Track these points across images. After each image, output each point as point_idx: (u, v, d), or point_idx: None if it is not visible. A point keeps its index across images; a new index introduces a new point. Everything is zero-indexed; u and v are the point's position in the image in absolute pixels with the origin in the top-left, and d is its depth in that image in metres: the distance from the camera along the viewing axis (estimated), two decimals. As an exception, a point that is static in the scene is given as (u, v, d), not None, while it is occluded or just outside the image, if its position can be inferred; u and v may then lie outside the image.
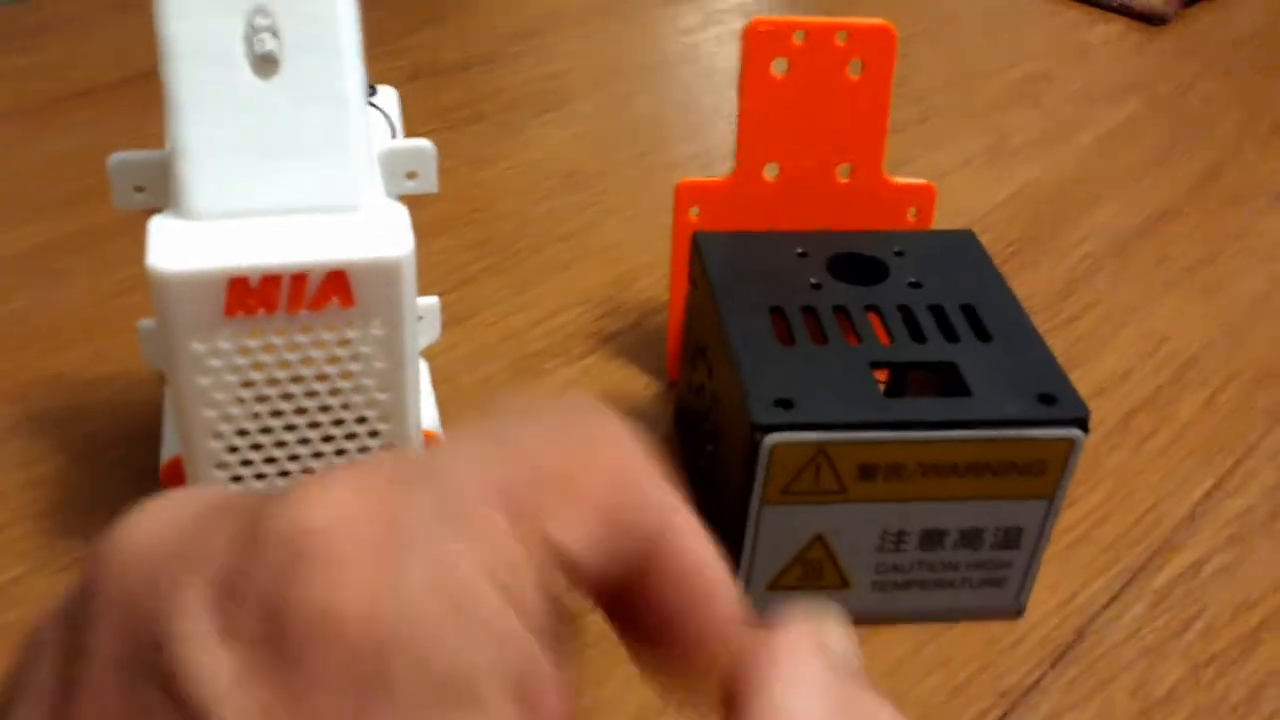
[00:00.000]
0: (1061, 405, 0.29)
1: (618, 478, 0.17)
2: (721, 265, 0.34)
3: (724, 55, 0.63)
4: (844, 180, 0.37)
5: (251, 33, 0.29)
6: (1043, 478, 0.29)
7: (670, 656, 0.19)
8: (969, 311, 0.32)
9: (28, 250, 0.45)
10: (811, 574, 0.31)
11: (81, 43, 0.60)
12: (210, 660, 0.14)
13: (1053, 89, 0.61)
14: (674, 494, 0.18)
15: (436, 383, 0.38)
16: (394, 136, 0.49)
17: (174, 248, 0.28)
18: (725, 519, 0.31)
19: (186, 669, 0.14)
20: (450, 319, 0.42)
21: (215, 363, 0.29)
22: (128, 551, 0.15)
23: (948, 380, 0.31)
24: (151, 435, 0.36)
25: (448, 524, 0.15)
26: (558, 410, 0.18)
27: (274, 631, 0.14)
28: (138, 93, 0.56)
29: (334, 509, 0.15)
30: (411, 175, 0.33)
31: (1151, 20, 0.69)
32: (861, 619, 0.32)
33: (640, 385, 0.40)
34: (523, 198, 0.51)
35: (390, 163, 0.32)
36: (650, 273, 0.46)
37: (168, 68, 0.29)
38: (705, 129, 0.56)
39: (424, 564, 0.15)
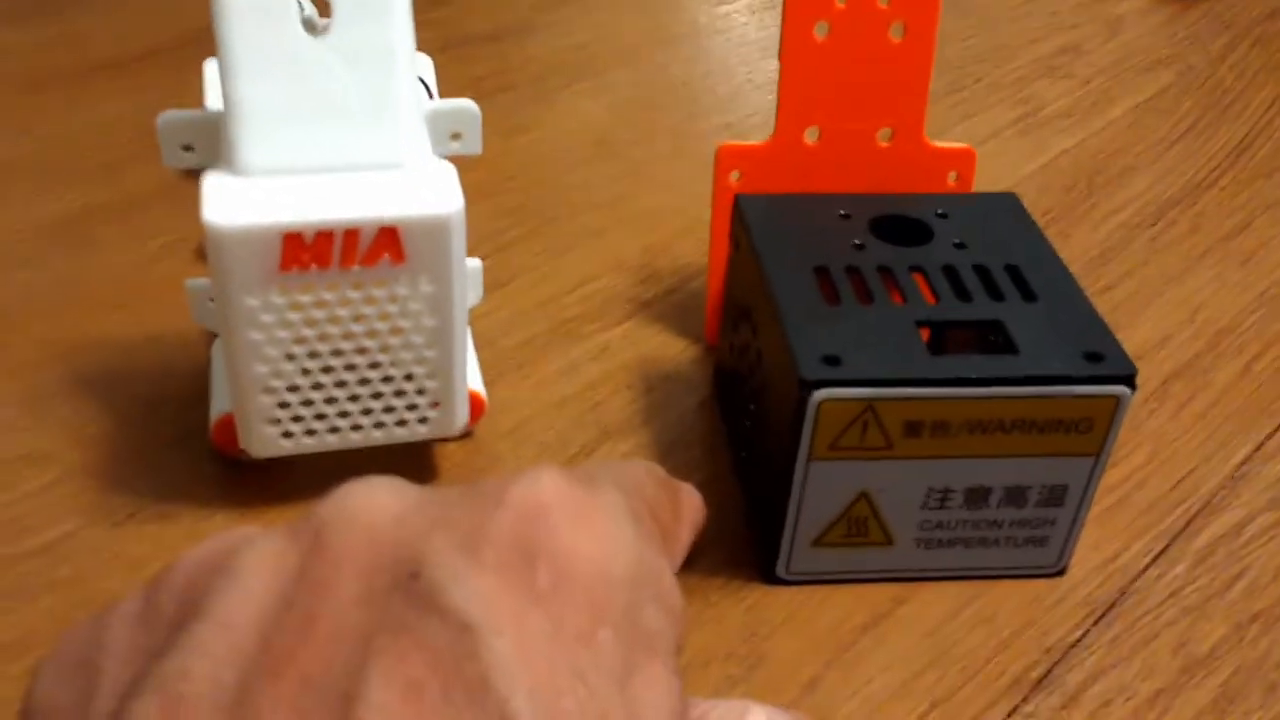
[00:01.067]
0: (1108, 362, 0.29)
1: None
2: (764, 227, 0.34)
3: (756, 25, 0.63)
4: (884, 144, 0.37)
5: (301, -7, 0.29)
6: (1089, 435, 0.30)
7: None
8: (1014, 271, 0.32)
9: (66, 217, 0.45)
10: (856, 531, 0.31)
11: (110, 13, 0.60)
12: (468, 581, 0.16)
13: (1084, 61, 0.61)
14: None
15: (477, 346, 0.38)
16: (432, 102, 0.48)
17: (229, 203, 0.28)
18: (770, 477, 0.31)
19: (446, 586, 0.16)
20: (489, 284, 0.42)
21: (268, 318, 0.29)
22: (368, 518, 0.17)
23: (987, 339, 0.31)
24: (197, 394, 0.36)
25: (631, 516, 0.18)
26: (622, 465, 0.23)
27: (525, 561, 0.16)
28: (166, 63, 0.56)
29: (558, 492, 0.17)
30: (456, 136, 0.33)
31: (1182, -7, 0.69)
32: (905, 576, 0.32)
33: (678, 349, 0.41)
34: (556, 166, 0.51)
35: (435, 123, 0.32)
36: (685, 240, 0.46)
37: (221, 27, 0.29)
38: (737, 98, 0.56)
39: (631, 537, 0.18)
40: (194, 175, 0.45)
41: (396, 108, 0.30)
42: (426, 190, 0.29)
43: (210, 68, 0.49)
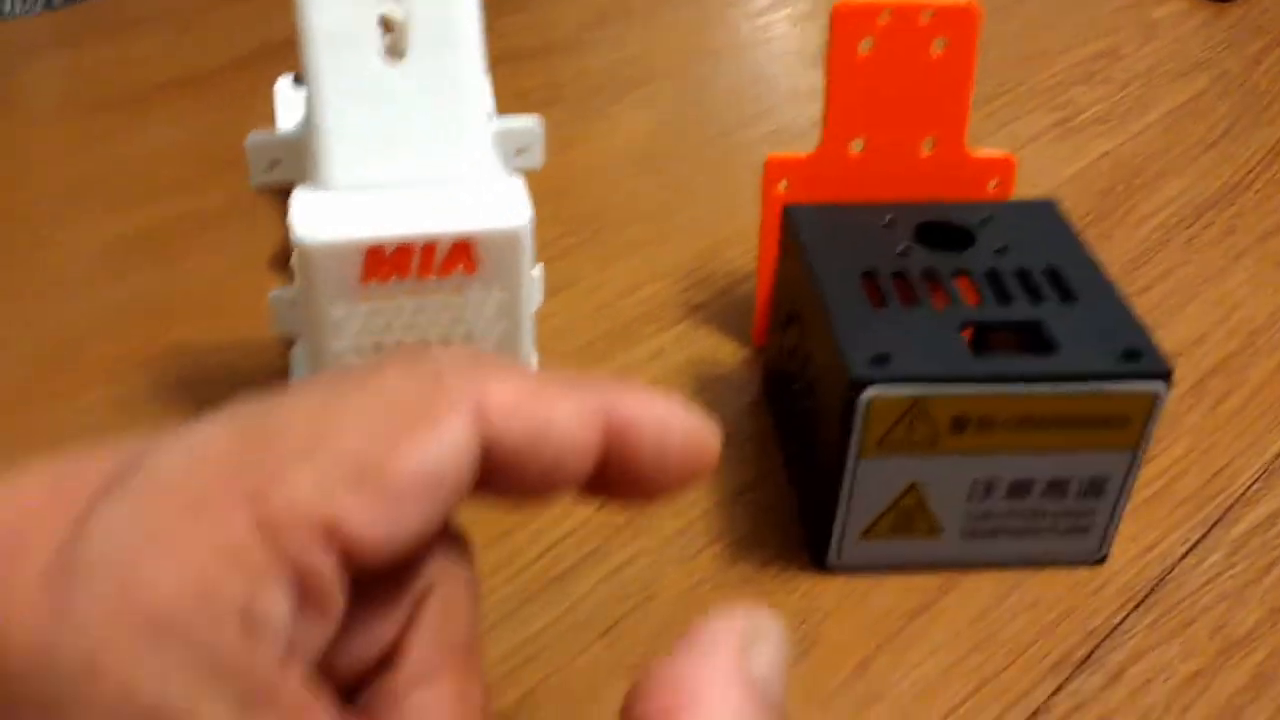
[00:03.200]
0: (1145, 360, 0.31)
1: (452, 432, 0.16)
2: (813, 235, 0.35)
3: (796, 36, 0.64)
4: (927, 153, 0.39)
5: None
6: (1127, 429, 0.31)
7: (625, 496, 0.18)
8: (1053, 275, 0.34)
9: (143, 231, 0.48)
10: (904, 523, 0.33)
11: (177, 35, 0.63)
12: None
13: (1121, 66, 0.62)
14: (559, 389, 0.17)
15: (537, 350, 0.40)
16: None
17: (316, 219, 0.30)
18: (821, 471, 0.33)
19: None
20: (546, 290, 0.44)
21: (351, 325, 0.31)
22: None
23: (1028, 339, 0.32)
24: (277, 399, 0.38)
25: (146, 530, 0.14)
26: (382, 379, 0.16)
27: None
28: (231, 82, 0.59)
29: (7, 518, 0.14)
30: (520, 152, 0.35)
31: (1217, -3, 0.70)
32: (951, 565, 0.34)
33: (728, 352, 0.42)
34: (606, 176, 0.53)
35: (502, 140, 0.34)
36: (733, 246, 0.48)
37: (309, 55, 0.31)
38: (780, 109, 0.58)
39: (106, 584, 0.13)
40: (275, 192, 0.47)
41: (470, 128, 0.32)
42: (498, 204, 0.31)
43: (281, 88, 0.51)
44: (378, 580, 0.17)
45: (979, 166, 0.39)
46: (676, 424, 0.18)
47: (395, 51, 0.32)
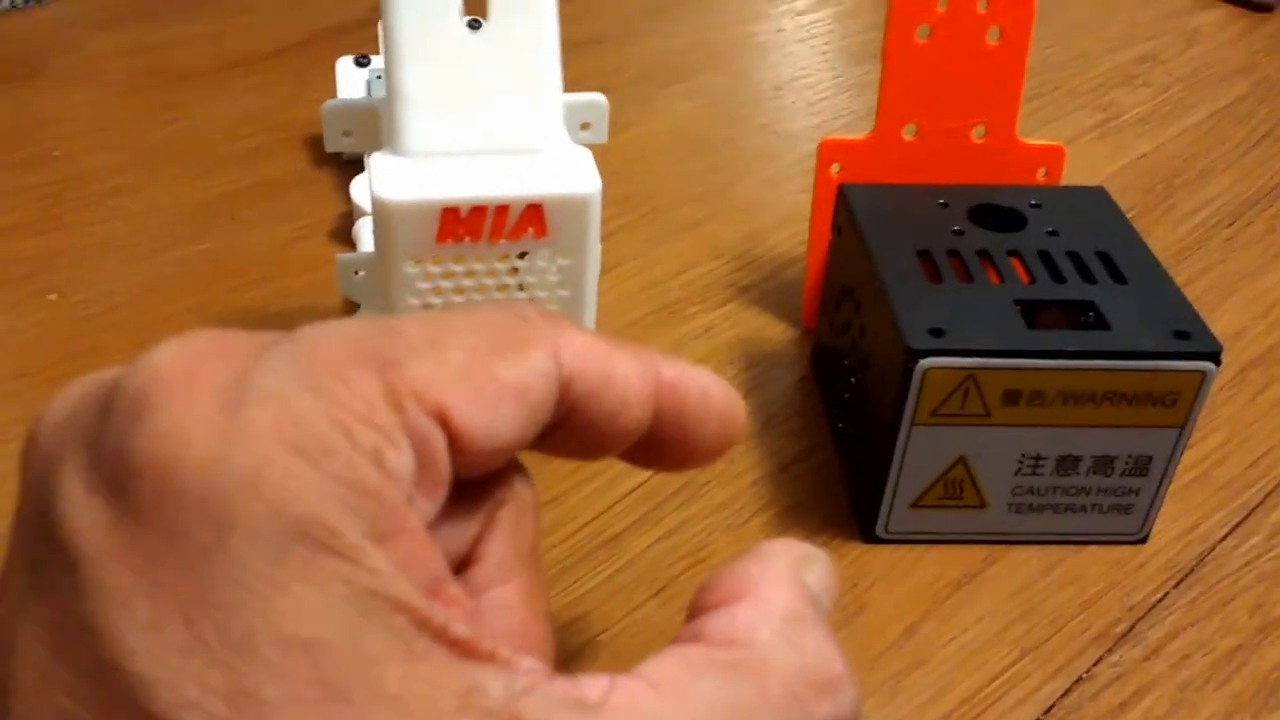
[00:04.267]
0: (1195, 340, 0.31)
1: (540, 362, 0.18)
2: (869, 213, 0.36)
3: (841, 32, 0.65)
4: (978, 141, 0.40)
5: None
6: (1175, 408, 0.32)
7: (675, 463, 0.21)
8: (1104, 257, 0.35)
9: (212, 199, 0.49)
10: (952, 494, 0.34)
11: (239, 16, 0.64)
12: (83, 511, 0.15)
13: (1162, 70, 0.63)
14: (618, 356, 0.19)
15: (592, 323, 0.41)
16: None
17: (395, 180, 0.31)
18: (873, 441, 0.34)
19: (63, 521, 0.15)
20: (599, 268, 0.45)
21: (424, 285, 0.32)
22: (39, 427, 0.17)
23: (1079, 319, 0.33)
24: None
25: (300, 378, 0.16)
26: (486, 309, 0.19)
27: (124, 480, 0.15)
28: (291, 63, 0.60)
29: (181, 359, 0.16)
30: (585, 126, 0.36)
31: (1256, 8, 0.71)
32: (997, 539, 0.35)
33: (777, 331, 0.43)
34: (654, 162, 0.54)
35: (569, 114, 0.35)
36: (780, 231, 0.49)
37: (390, 23, 0.32)
38: (825, 101, 0.59)
39: (270, 413, 0.15)
40: (335, 165, 0.48)
41: (543, 97, 0.33)
42: (569, 172, 0.32)
43: (342, 66, 0.52)
44: (464, 488, 0.19)
45: (1029, 154, 0.40)
46: (715, 389, 0.21)
47: (474, 23, 0.33)
